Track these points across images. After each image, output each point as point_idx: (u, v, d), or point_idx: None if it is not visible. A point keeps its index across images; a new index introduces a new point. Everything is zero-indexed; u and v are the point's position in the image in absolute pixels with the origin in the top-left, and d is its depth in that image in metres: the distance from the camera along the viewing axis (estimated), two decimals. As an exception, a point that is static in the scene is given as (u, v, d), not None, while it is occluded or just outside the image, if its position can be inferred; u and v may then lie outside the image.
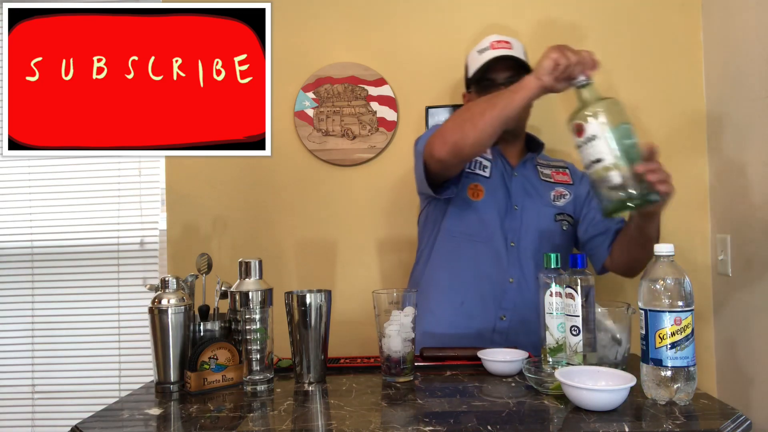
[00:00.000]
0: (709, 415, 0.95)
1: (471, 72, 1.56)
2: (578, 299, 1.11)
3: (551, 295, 1.16)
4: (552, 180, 1.59)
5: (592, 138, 1.11)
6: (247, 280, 1.17)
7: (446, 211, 1.54)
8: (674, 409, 0.96)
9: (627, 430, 0.88)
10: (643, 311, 1.01)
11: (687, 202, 1.87)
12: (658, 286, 1.00)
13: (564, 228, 1.53)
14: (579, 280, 1.12)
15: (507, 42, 1.54)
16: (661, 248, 1.03)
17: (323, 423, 0.97)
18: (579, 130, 1.13)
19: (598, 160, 1.11)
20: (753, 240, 1.61)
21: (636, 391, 1.02)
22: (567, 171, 1.63)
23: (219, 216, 1.98)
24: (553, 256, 1.18)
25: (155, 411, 1.07)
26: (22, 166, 2.11)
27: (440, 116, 1.92)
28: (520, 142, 1.62)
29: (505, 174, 1.56)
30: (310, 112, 1.95)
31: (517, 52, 1.53)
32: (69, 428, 0.98)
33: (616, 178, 1.10)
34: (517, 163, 1.59)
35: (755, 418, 1.57)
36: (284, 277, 1.95)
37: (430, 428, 0.91)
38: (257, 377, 1.14)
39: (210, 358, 1.16)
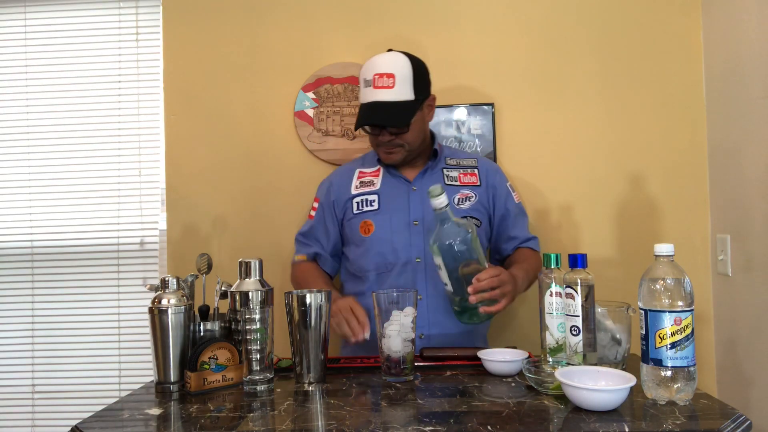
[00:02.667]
0: (709, 415, 0.95)
1: (360, 100, 1.55)
2: (578, 299, 1.12)
3: (551, 295, 1.16)
4: (457, 183, 1.60)
5: (439, 267, 1.34)
6: (247, 280, 1.17)
7: (346, 250, 1.63)
8: (674, 409, 0.96)
9: (627, 430, 0.88)
10: (643, 311, 1.01)
11: (687, 202, 1.87)
12: (658, 286, 1.00)
13: None
14: (579, 280, 1.12)
15: (390, 75, 1.47)
16: (661, 248, 1.03)
17: (323, 423, 0.97)
18: (437, 265, 1.35)
19: (446, 284, 1.35)
20: (753, 240, 1.61)
21: (636, 391, 1.02)
22: (476, 171, 1.63)
23: (219, 216, 1.98)
24: (552, 256, 1.18)
25: (155, 411, 1.07)
26: (22, 166, 2.11)
27: (440, 116, 1.92)
28: (421, 159, 1.62)
29: (401, 192, 1.58)
30: (310, 112, 1.95)
31: (399, 85, 1.48)
32: (69, 428, 0.98)
33: (455, 305, 1.37)
34: (415, 176, 1.60)
35: (755, 418, 1.57)
36: (284, 277, 1.95)
37: (430, 428, 0.91)
38: (257, 377, 1.14)
39: (210, 358, 1.16)
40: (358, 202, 1.59)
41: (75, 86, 2.10)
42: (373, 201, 1.57)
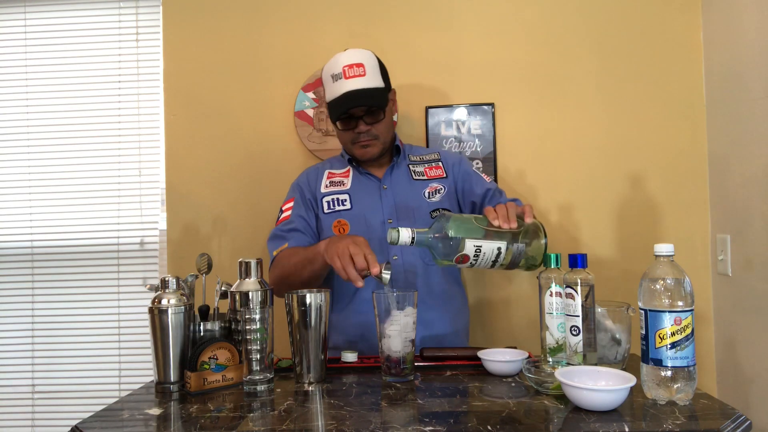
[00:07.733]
0: (709, 415, 0.95)
1: (328, 97, 1.55)
2: (578, 299, 1.12)
3: (551, 295, 1.16)
4: (425, 177, 1.61)
5: (478, 256, 1.20)
6: (247, 280, 1.17)
7: None
8: (674, 409, 0.96)
9: (627, 430, 0.88)
10: (643, 311, 1.01)
11: (687, 202, 1.87)
12: (658, 286, 1.00)
13: None
14: (579, 280, 1.12)
15: (359, 65, 1.50)
16: (661, 248, 1.03)
17: (323, 423, 0.97)
18: (463, 260, 1.21)
19: (498, 253, 1.20)
20: (753, 240, 1.61)
21: (636, 391, 1.02)
22: (440, 164, 1.64)
23: (219, 216, 1.98)
24: (552, 256, 1.18)
25: (155, 411, 1.07)
26: (22, 166, 2.11)
27: (440, 116, 1.92)
28: (386, 156, 1.62)
29: (372, 191, 1.57)
30: (310, 112, 1.95)
31: (370, 73, 1.50)
32: (69, 428, 0.98)
33: (512, 255, 1.21)
34: (383, 174, 1.60)
35: (755, 418, 1.57)
36: (284, 277, 1.95)
37: (430, 428, 0.91)
38: (257, 377, 1.14)
39: (210, 358, 1.16)
40: (328, 201, 1.58)
41: (75, 86, 2.10)
42: (345, 200, 1.57)
